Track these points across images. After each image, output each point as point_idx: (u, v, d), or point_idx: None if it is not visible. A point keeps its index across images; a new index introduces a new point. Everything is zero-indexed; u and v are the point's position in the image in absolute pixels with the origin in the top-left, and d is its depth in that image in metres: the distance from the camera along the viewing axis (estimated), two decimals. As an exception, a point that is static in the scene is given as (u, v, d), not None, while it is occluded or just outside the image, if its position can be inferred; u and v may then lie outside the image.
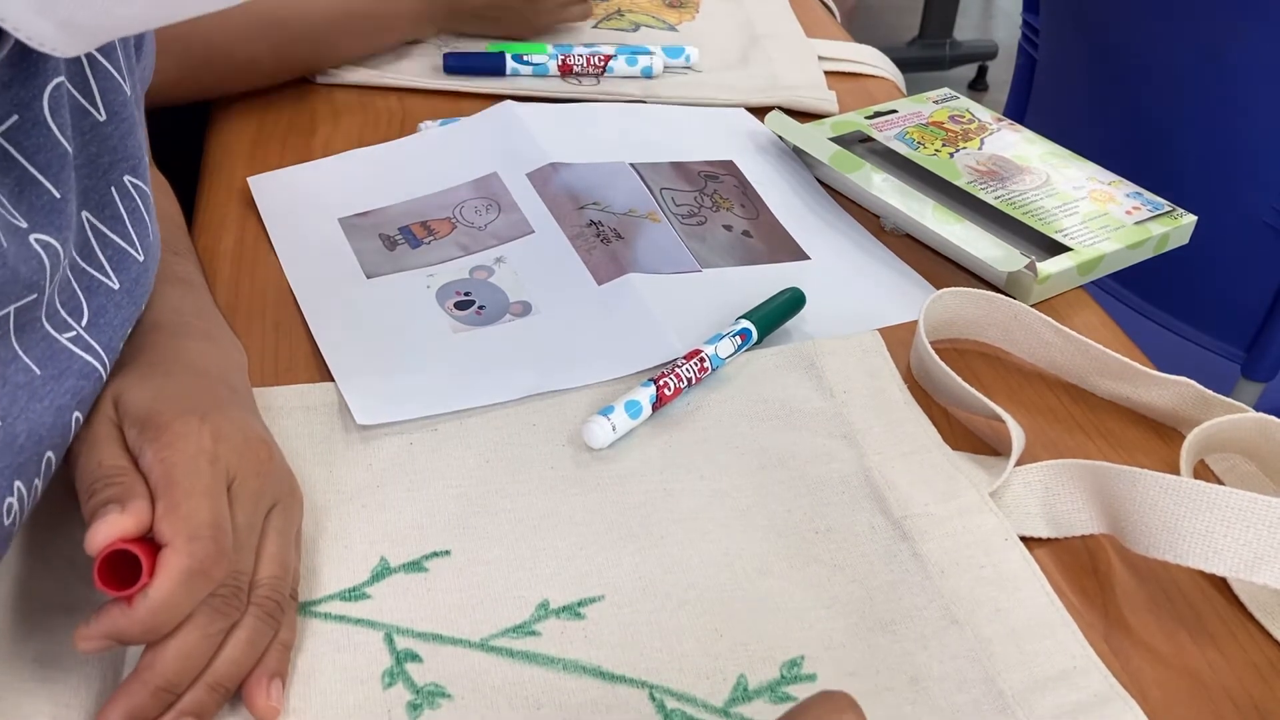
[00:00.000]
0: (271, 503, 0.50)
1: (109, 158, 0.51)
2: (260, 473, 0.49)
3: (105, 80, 0.51)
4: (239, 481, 0.48)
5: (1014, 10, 3.46)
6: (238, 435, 0.49)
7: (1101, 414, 0.66)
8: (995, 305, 0.68)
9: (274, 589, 0.48)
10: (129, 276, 0.51)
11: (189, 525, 0.44)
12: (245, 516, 0.48)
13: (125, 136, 0.52)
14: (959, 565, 0.54)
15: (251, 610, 0.47)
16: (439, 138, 0.85)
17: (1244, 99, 1.11)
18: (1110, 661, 0.51)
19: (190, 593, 0.44)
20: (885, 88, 1.02)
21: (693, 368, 0.63)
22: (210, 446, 0.47)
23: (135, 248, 0.52)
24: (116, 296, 0.50)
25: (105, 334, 0.49)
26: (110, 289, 0.50)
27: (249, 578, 0.48)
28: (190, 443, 0.47)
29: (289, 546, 0.50)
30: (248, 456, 0.49)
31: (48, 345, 0.46)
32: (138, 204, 0.53)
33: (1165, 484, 0.53)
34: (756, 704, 0.48)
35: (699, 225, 0.78)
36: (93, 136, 0.50)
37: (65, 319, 0.47)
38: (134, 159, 0.53)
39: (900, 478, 0.59)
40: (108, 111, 0.51)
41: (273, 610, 0.48)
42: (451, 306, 0.69)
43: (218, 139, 0.86)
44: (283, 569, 0.49)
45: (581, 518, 0.56)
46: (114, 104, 0.51)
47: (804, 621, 0.52)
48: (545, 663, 0.49)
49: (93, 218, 0.50)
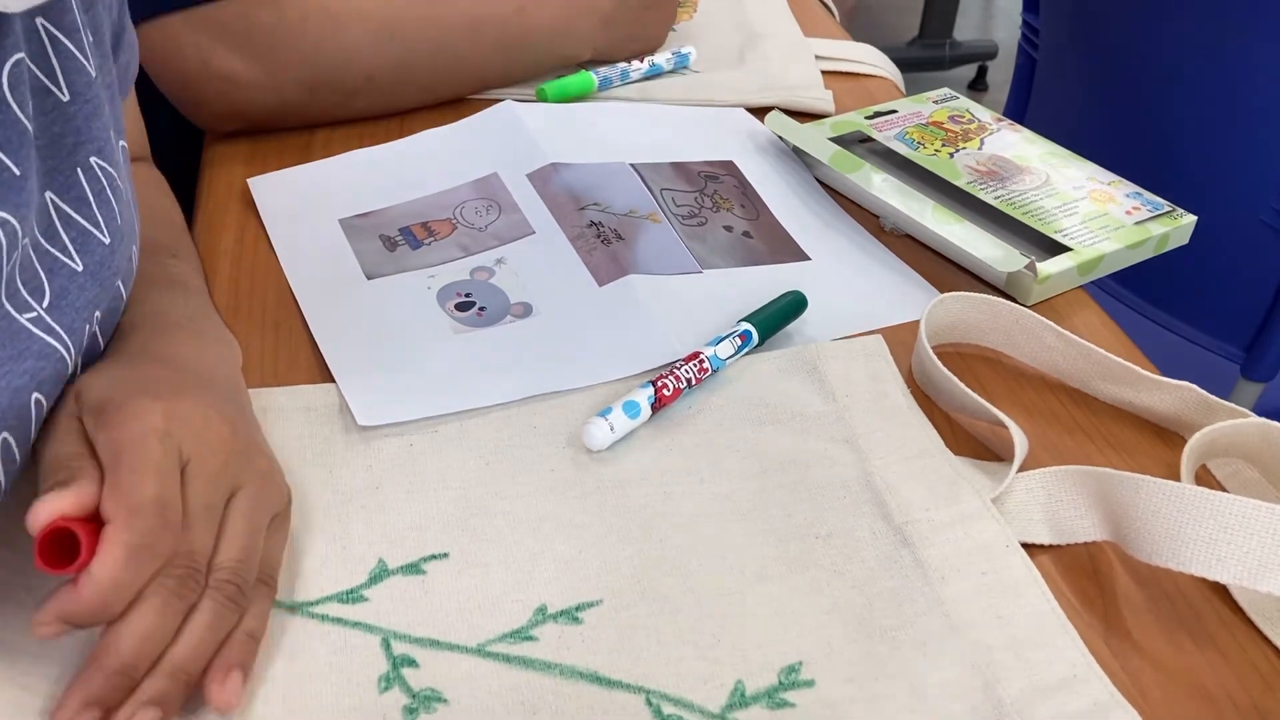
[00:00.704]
0: (234, 484, 0.49)
1: (73, 138, 0.50)
2: (219, 452, 0.48)
3: (68, 60, 0.50)
4: (195, 461, 0.47)
5: (1014, 10, 3.45)
6: (196, 415, 0.48)
7: (1103, 418, 0.66)
8: (997, 309, 0.68)
9: (235, 573, 0.47)
10: (93, 259, 0.51)
11: (131, 499, 0.44)
12: (201, 496, 0.47)
13: (90, 118, 0.51)
14: (960, 571, 0.54)
15: (209, 593, 0.46)
16: (439, 138, 0.85)
17: (1244, 99, 1.11)
18: (1111, 666, 0.51)
19: (135, 569, 0.43)
20: (885, 88, 1.02)
21: (692, 369, 0.63)
22: (160, 424, 0.46)
23: (101, 230, 0.51)
24: (80, 278, 0.50)
25: (68, 315, 0.49)
26: (73, 270, 0.49)
27: (207, 559, 0.47)
28: (140, 422, 0.46)
29: (256, 532, 0.49)
30: (206, 435, 0.48)
31: (6, 324, 0.45)
32: (104, 186, 0.52)
33: (1168, 491, 0.52)
34: (754, 710, 0.48)
35: (699, 226, 0.78)
36: (56, 116, 0.49)
37: (26, 299, 0.46)
38: (99, 141, 0.52)
39: (902, 483, 0.59)
40: (71, 91, 0.50)
41: (233, 594, 0.47)
42: (452, 307, 0.69)
43: (218, 140, 0.85)
44: (245, 553, 0.48)
45: (581, 520, 0.56)
46: (77, 84, 0.50)
47: (803, 627, 0.52)
48: (542, 668, 0.49)
49: (56, 198, 0.49)
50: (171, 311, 0.57)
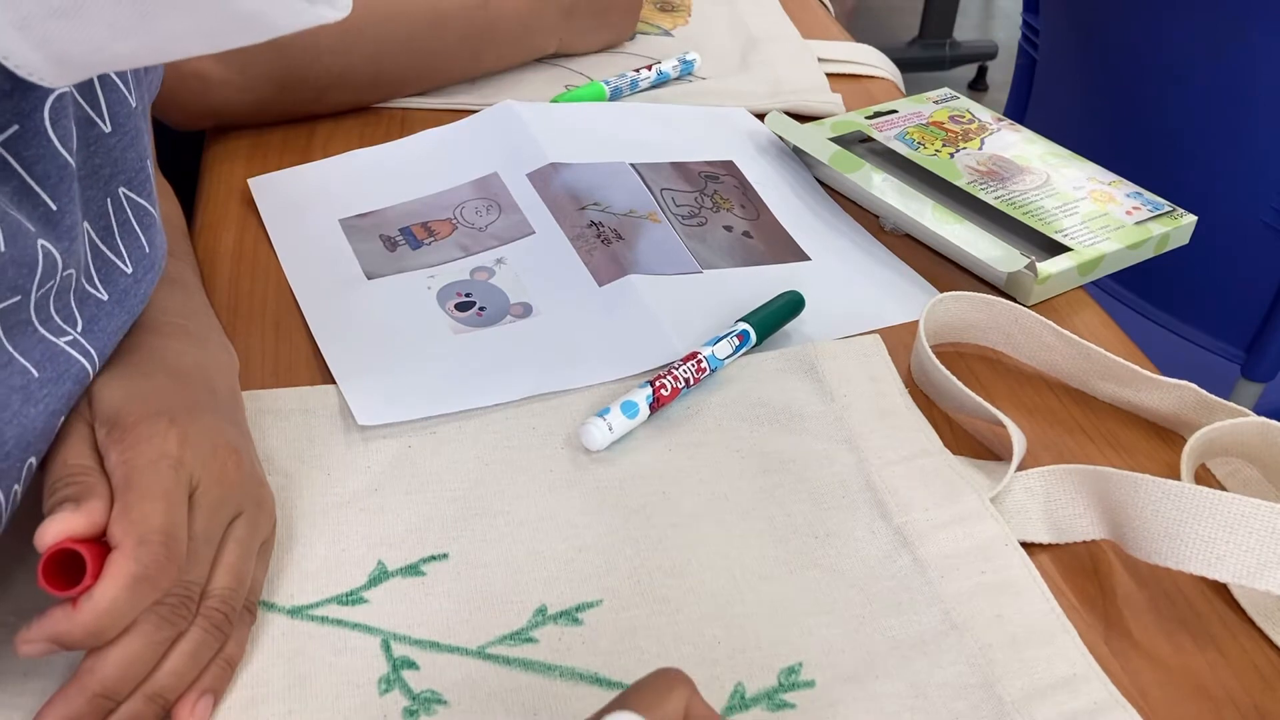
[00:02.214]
0: (235, 513, 0.49)
1: (109, 169, 0.51)
2: (224, 482, 0.48)
3: (112, 92, 0.50)
4: (201, 489, 0.47)
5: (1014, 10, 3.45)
6: (206, 442, 0.48)
7: (1103, 417, 0.66)
8: (996, 309, 0.68)
9: (224, 600, 0.47)
10: (117, 289, 0.51)
11: (140, 529, 0.43)
12: (204, 525, 0.47)
13: (126, 149, 0.51)
14: (959, 571, 0.54)
15: (198, 621, 0.46)
16: (439, 138, 0.85)
17: (1244, 99, 1.11)
18: (1111, 665, 0.51)
19: (135, 599, 0.43)
20: (885, 88, 1.02)
21: (690, 369, 0.63)
22: (175, 451, 0.46)
23: (124, 260, 0.52)
24: (106, 307, 0.50)
25: (100, 340, 0.49)
26: (99, 300, 0.50)
27: (201, 587, 0.47)
28: (155, 445, 0.46)
29: (248, 559, 0.49)
30: (213, 464, 0.48)
31: (46, 348, 0.45)
32: (129, 217, 0.52)
33: (1167, 490, 0.52)
34: (754, 712, 0.48)
35: (699, 226, 0.78)
36: (97, 148, 0.50)
37: (60, 325, 0.47)
38: (131, 171, 0.52)
39: (901, 482, 0.59)
40: (113, 123, 0.50)
41: (220, 623, 0.47)
42: (452, 308, 0.69)
43: (218, 140, 0.85)
44: (237, 581, 0.48)
45: (580, 521, 0.56)
46: (119, 115, 0.51)
47: (803, 627, 0.52)
48: (542, 670, 0.49)
49: (90, 229, 0.50)
50: (172, 310, 0.57)
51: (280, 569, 0.53)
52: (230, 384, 0.57)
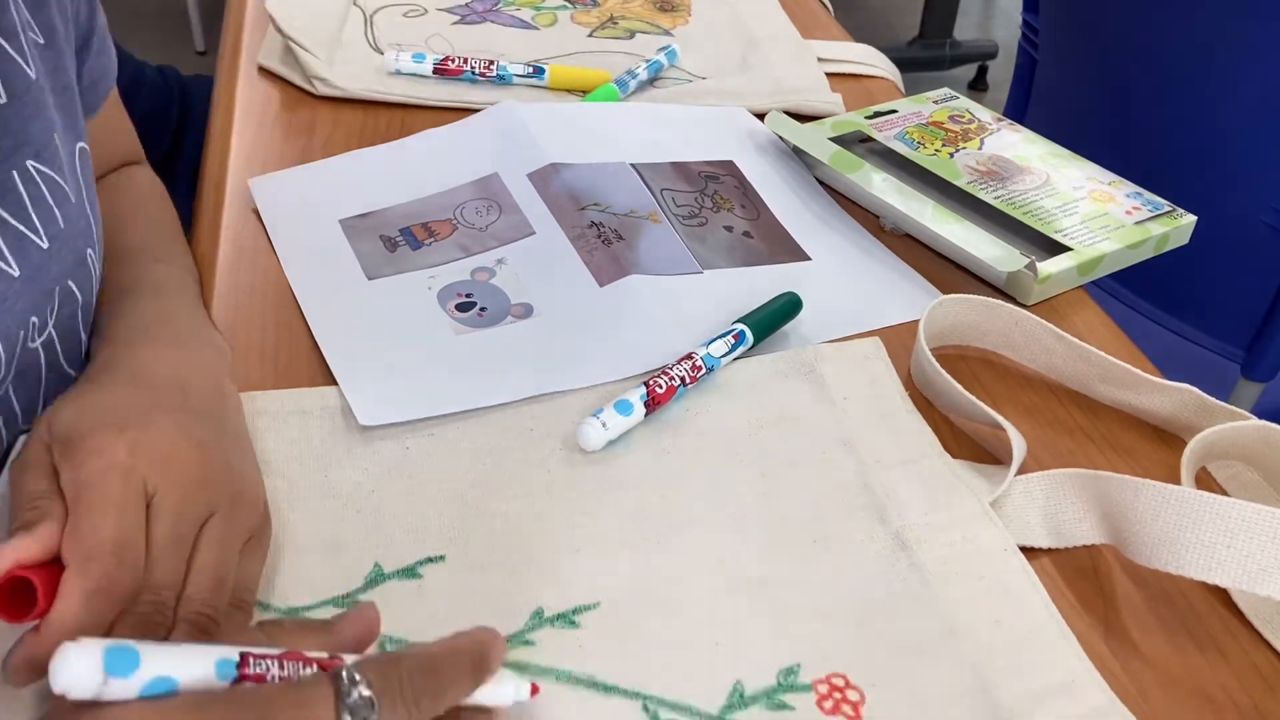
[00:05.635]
0: (206, 513, 0.48)
1: (9, 141, 0.50)
2: (185, 483, 0.47)
3: (6, 64, 0.49)
4: (160, 494, 0.46)
5: (1014, 10, 3.45)
6: (161, 446, 0.47)
7: (1103, 420, 0.66)
8: (996, 311, 0.68)
9: (205, 603, 0.46)
10: (30, 264, 0.50)
11: (88, 544, 0.43)
12: (168, 530, 0.46)
13: (28, 121, 0.50)
14: (958, 575, 0.54)
15: (179, 626, 0.45)
16: (439, 138, 0.85)
17: (1244, 98, 1.10)
18: (1112, 668, 0.51)
19: (92, 613, 0.42)
20: (885, 88, 1.02)
21: (685, 368, 0.63)
22: (124, 459, 0.46)
23: (39, 234, 0.51)
24: (16, 283, 0.49)
25: (3, 321, 0.48)
26: (9, 275, 0.49)
27: (175, 592, 0.46)
28: (101, 459, 0.45)
29: (227, 558, 0.48)
30: (172, 467, 0.47)
31: None
32: (42, 190, 0.51)
33: (1167, 494, 0.52)
34: (753, 711, 0.48)
35: (700, 226, 0.77)
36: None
37: None
38: (38, 144, 0.51)
39: (900, 486, 0.59)
40: (8, 94, 0.49)
41: (204, 624, 0.46)
42: (453, 308, 0.69)
43: (217, 140, 0.85)
44: (216, 581, 0.47)
45: (578, 523, 0.56)
46: (16, 88, 0.50)
47: (801, 631, 0.52)
48: (539, 673, 0.49)
49: None
50: (145, 319, 0.56)
51: (276, 570, 0.53)
52: (212, 382, 0.56)
